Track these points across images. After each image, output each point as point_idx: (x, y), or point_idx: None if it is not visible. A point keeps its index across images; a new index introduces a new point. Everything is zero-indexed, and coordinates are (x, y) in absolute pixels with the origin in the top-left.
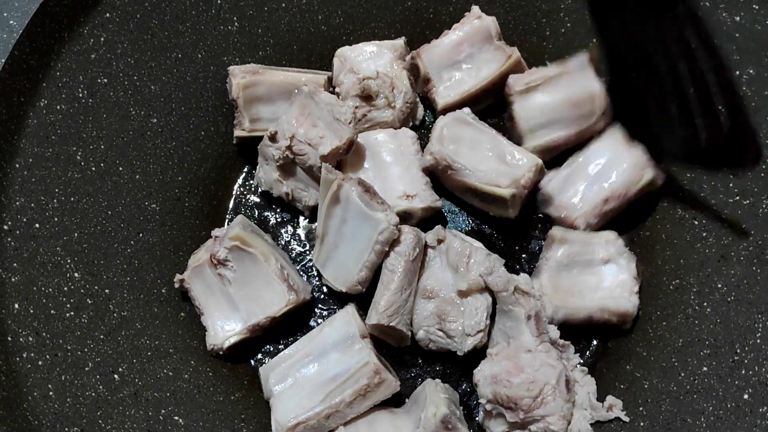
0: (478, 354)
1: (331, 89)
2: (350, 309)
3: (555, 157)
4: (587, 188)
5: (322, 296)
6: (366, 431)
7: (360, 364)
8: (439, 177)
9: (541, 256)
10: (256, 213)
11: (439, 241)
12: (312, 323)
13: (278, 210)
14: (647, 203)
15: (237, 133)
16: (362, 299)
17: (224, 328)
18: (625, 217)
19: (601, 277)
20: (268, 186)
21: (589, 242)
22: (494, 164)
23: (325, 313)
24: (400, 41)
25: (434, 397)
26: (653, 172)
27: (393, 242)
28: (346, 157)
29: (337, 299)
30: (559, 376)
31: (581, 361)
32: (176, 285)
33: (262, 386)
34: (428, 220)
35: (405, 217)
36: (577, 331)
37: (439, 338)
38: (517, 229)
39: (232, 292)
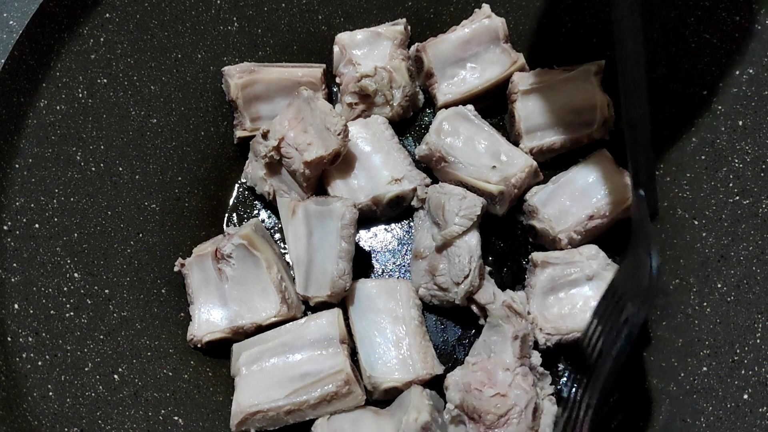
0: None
1: (330, 88)
2: (337, 312)
3: (548, 160)
4: (572, 204)
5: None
6: (349, 428)
7: (333, 369)
8: (432, 168)
9: (526, 283)
10: (254, 214)
11: (424, 201)
12: None
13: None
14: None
15: (239, 133)
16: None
17: (208, 322)
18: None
19: (589, 296)
20: (253, 182)
21: (570, 261)
22: (487, 161)
23: None
24: (400, 27)
25: (418, 402)
26: None
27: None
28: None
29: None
30: (528, 402)
31: (553, 392)
32: (176, 268)
33: (231, 363)
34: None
35: (398, 201)
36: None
37: (436, 292)
38: (514, 231)
39: (226, 289)
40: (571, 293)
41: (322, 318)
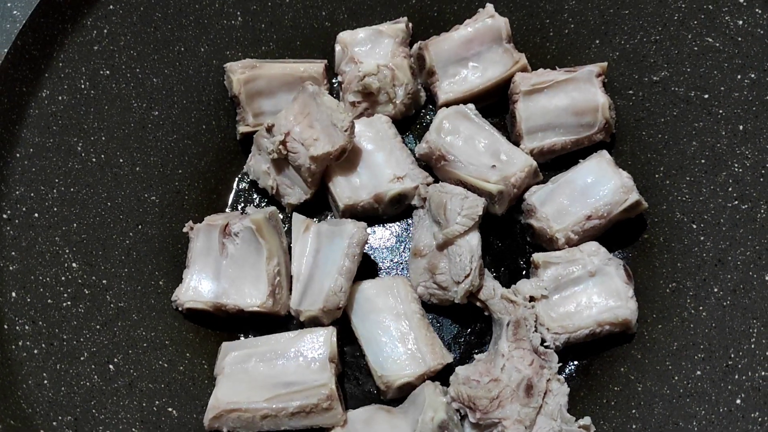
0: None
1: (332, 83)
2: (332, 330)
3: (548, 161)
4: (571, 203)
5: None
6: (362, 429)
7: (318, 383)
8: (432, 167)
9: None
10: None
11: (425, 199)
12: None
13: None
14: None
15: (241, 129)
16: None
17: (195, 290)
18: (622, 221)
19: (593, 292)
20: (256, 176)
21: (572, 259)
22: (487, 160)
23: None
24: (401, 25)
25: (432, 400)
26: (638, 196)
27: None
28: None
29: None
30: (521, 381)
31: (558, 369)
32: (185, 230)
33: (217, 359)
34: None
35: (400, 199)
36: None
37: (435, 291)
38: (513, 231)
39: (223, 264)
40: (575, 291)
41: (316, 333)
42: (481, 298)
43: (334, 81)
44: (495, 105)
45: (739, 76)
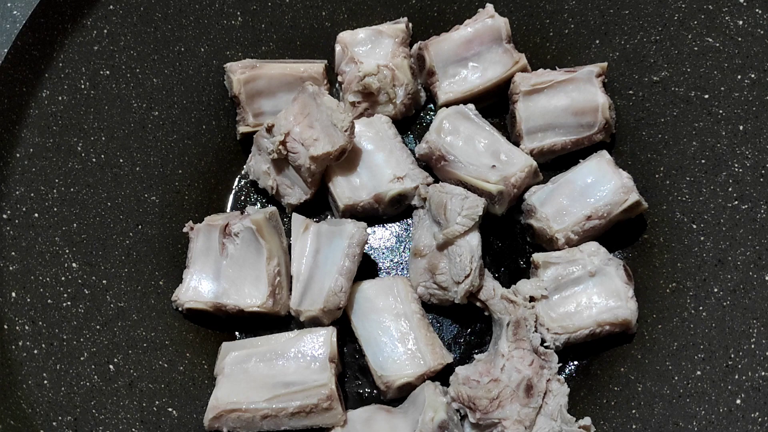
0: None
1: (332, 84)
2: (332, 330)
3: (548, 161)
4: (571, 204)
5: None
6: (362, 429)
7: (317, 383)
8: (432, 167)
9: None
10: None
11: (425, 199)
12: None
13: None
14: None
15: (241, 129)
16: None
17: (196, 290)
18: (622, 221)
19: (593, 292)
20: (256, 176)
21: (572, 259)
22: (487, 160)
23: None
24: (401, 25)
25: (433, 400)
26: (637, 197)
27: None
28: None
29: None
30: (521, 381)
31: (558, 369)
32: (185, 230)
33: (217, 359)
34: None
35: (400, 199)
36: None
37: (435, 291)
38: (512, 231)
39: (223, 264)
40: (575, 291)
41: (316, 333)
42: (481, 298)
43: (335, 81)
44: (495, 105)
45: (739, 76)
